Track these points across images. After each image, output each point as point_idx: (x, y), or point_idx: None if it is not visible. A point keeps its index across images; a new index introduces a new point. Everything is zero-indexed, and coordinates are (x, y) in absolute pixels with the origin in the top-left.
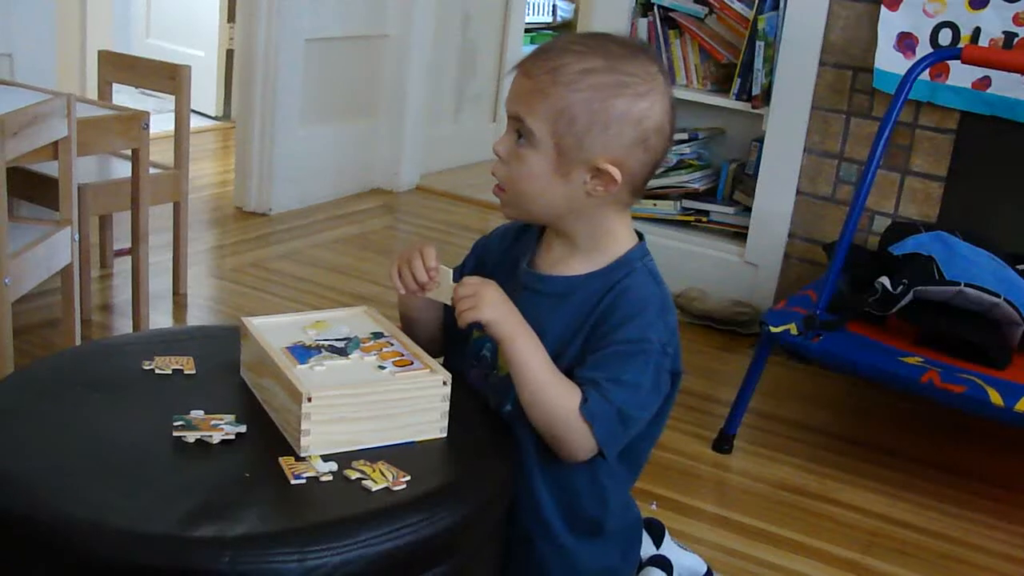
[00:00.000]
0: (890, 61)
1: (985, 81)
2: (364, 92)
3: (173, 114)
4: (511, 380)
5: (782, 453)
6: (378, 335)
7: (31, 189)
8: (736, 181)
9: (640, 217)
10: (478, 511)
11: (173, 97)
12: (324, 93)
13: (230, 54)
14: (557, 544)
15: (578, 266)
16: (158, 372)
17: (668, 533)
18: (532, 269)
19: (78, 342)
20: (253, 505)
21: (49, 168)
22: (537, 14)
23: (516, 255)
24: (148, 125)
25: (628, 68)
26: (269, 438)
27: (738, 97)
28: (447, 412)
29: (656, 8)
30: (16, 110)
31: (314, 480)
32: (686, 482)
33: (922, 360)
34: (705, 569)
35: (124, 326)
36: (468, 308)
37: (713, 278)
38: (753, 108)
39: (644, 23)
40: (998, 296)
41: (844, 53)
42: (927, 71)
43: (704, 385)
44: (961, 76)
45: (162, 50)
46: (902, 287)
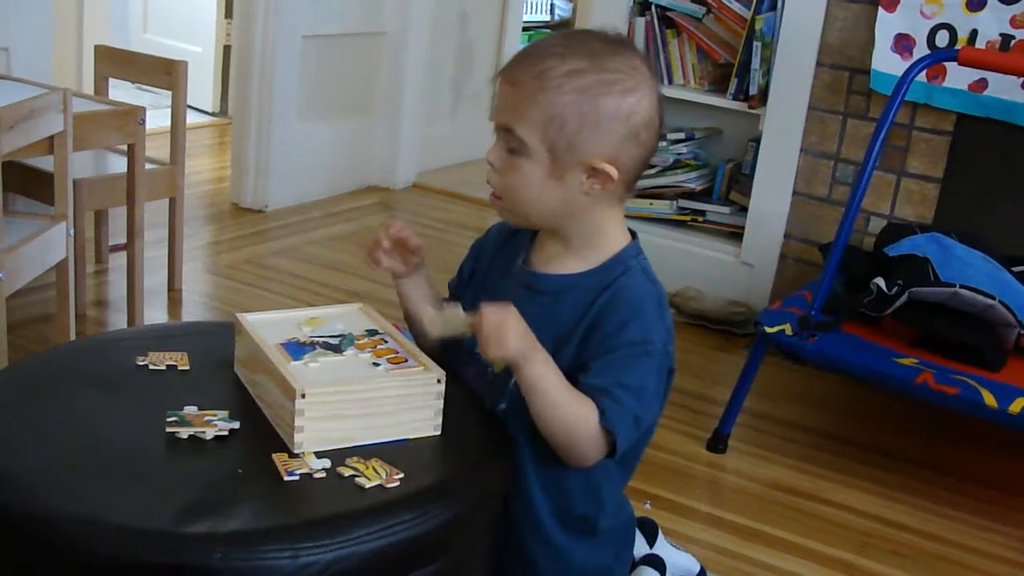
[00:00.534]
0: (887, 62)
1: (982, 83)
2: (361, 89)
3: (169, 110)
4: (506, 378)
5: (776, 453)
6: (372, 332)
7: (26, 184)
8: (732, 181)
9: (636, 216)
10: (471, 509)
11: (170, 93)
12: (321, 90)
13: (227, 50)
14: (550, 544)
15: (572, 264)
16: (152, 368)
17: (661, 532)
18: (527, 267)
19: (73, 337)
20: (246, 501)
21: (45, 163)
22: (535, 12)
23: (511, 252)
24: (144, 120)
25: (612, 65)
26: (263, 434)
27: (735, 97)
28: (441, 410)
29: (654, 7)
30: (12, 104)
31: (307, 477)
32: (680, 481)
33: (917, 361)
34: (698, 569)
35: (119, 321)
36: (493, 344)
37: (709, 278)
38: (750, 108)
39: (642, 22)
40: (993, 298)
41: (841, 54)
42: (924, 73)
43: (699, 385)
44: (958, 78)
45: (159, 45)
46: (897, 288)
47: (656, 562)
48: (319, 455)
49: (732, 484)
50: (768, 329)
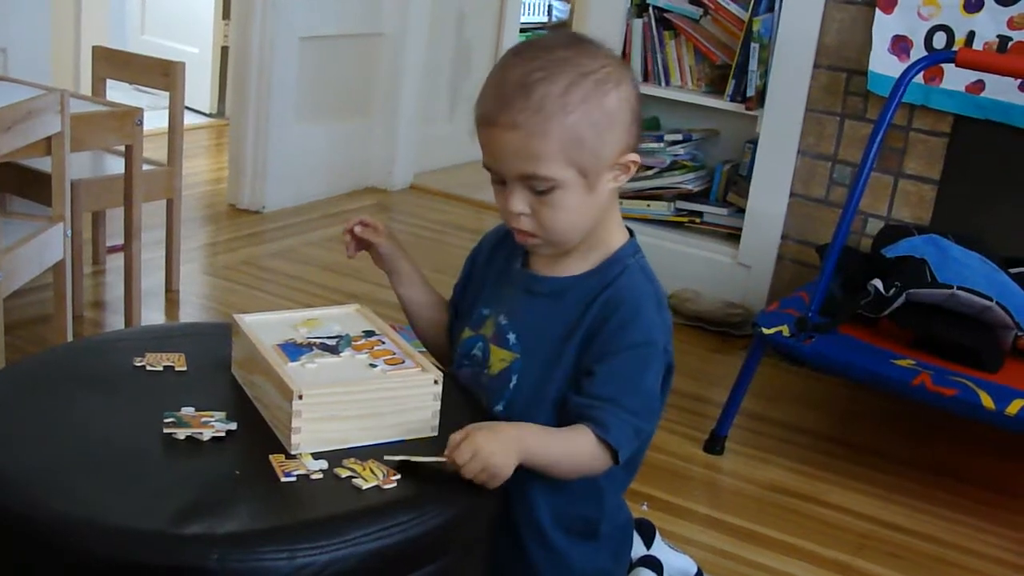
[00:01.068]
0: (884, 64)
1: (979, 85)
2: (359, 90)
3: (167, 111)
4: (503, 380)
5: (773, 455)
6: (370, 333)
7: (24, 185)
8: (730, 182)
9: (634, 218)
10: (468, 510)
11: (167, 94)
12: (319, 91)
13: (225, 51)
14: (550, 547)
15: (572, 266)
16: (149, 369)
17: (659, 534)
18: (527, 269)
19: (70, 338)
20: (243, 503)
21: (42, 164)
22: (532, 14)
23: (507, 253)
24: (142, 121)
25: (592, 64)
26: (260, 436)
27: (732, 99)
28: (438, 411)
29: (651, 9)
30: (9, 105)
31: (304, 478)
32: (677, 483)
33: (914, 363)
34: (695, 570)
35: (116, 322)
36: (474, 466)
37: (706, 279)
38: (747, 110)
39: (639, 24)
40: (990, 299)
41: (838, 55)
42: (921, 74)
43: (696, 386)
44: (955, 79)
45: (157, 46)
46: (894, 289)
47: (654, 563)
48: (316, 456)
49: (729, 485)
50: (765, 330)
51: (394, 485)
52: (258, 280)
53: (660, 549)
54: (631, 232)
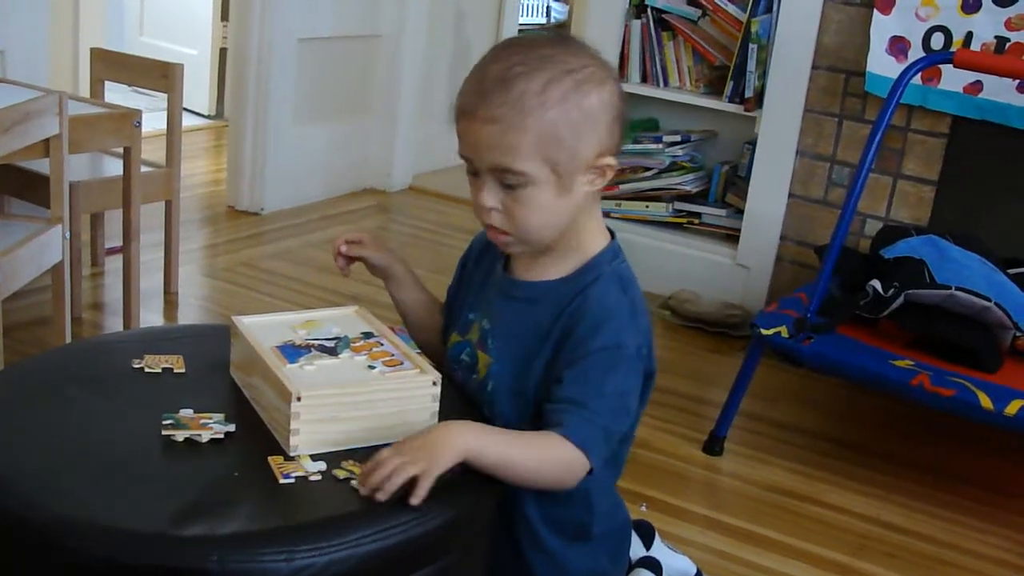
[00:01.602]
0: (882, 65)
1: (977, 85)
2: (357, 92)
3: (165, 112)
4: (484, 385)
5: (772, 455)
6: (368, 335)
7: (22, 186)
8: (728, 183)
9: (632, 219)
10: (467, 511)
11: (166, 95)
12: (317, 92)
13: (223, 52)
14: (545, 549)
15: (550, 269)
16: (148, 370)
17: (658, 535)
18: (507, 274)
19: (68, 340)
20: (242, 504)
21: (40, 166)
22: (531, 15)
23: (492, 256)
24: (140, 123)
25: (575, 63)
26: (258, 437)
27: (731, 100)
28: (437, 412)
29: (649, 10)
30: (8, 107)
31: (303, 479)
32: (676, 484)
33: (912, 363)
34: (695, 571)
35: (115, 324)
36: (395, 482)
37: (705, 280)
38: (746, 111)
39: (637, 25)
40: (989, 300)
41: (837, 56)
42: (919, 75)
43: (695, 387)
44: (953, 80)
45: (155, 48)
46: (893, 290)
47: (653, 565)
48: (315, 458)
49: (728, 486)
50: (764, 331)
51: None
52: (257, 282)
53: (659, 550)
54: (613, 235)
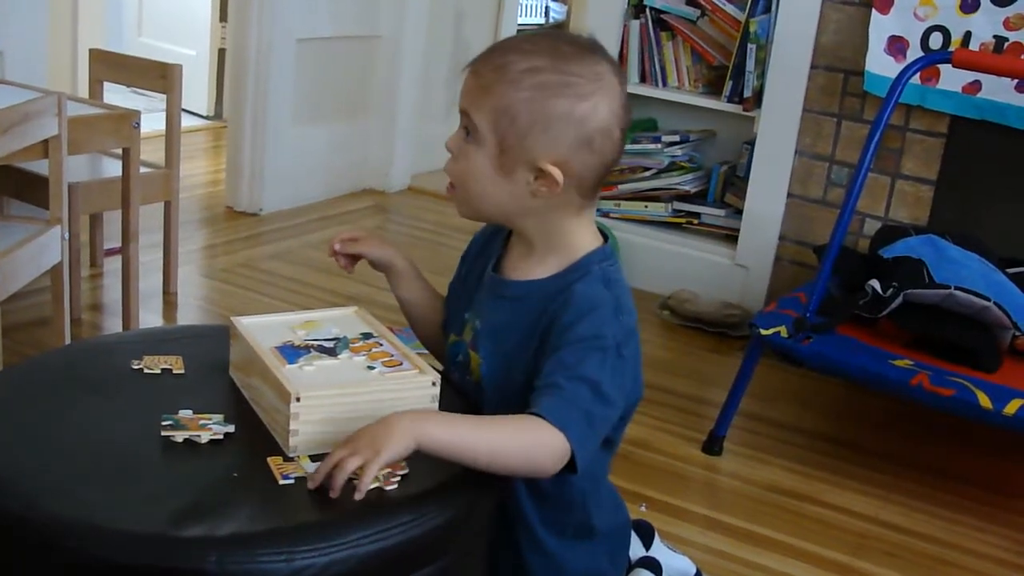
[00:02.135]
0: (881, 64)
1: (975, 85)
2: (356, 92)
3: (164, 113)
4: (478, 385)
5: (772, 455)
6: (367, 336)
7: (21, 187)
8: (727, 183)
9: (631, 219)
10: (467, 511)
11: (164, 96)
12: (316, 93)
13: (222, 53)
14: (543, 549)
15: (538, 269)
16: (147, 371)
17: (657, 535)
18: (497, 273)
19: (67, 341)
20: (241, 505)
21: (39, 167)
22: (530, 15)
23: (486, 257)
24: (139, 124)
25: (573, 68)
26: (257, 438)
27: (730, 99)
28: None
29: (648, 10)
30: (6, 108)
31: (302, 480)
32: (676, 484)
33: (912, 363)
34: (694, 571)
35: (114, 325)
36: (380, 445)
37: (704, 280)
38: (744, 111)
39: (636, 25)
40: (988, 299)
41: (835, 56)
42: (918, 75)
43: (694, 387)
44: (951, 80)
45: (154, 49)
46: (892, 290)
47: (652, 565)
48: (314, 458)
49: (728, 486)
50: (763, 331)
51: (393, 487)
52: (256, 282)
53: (659, 550)
54: (606, 238)
